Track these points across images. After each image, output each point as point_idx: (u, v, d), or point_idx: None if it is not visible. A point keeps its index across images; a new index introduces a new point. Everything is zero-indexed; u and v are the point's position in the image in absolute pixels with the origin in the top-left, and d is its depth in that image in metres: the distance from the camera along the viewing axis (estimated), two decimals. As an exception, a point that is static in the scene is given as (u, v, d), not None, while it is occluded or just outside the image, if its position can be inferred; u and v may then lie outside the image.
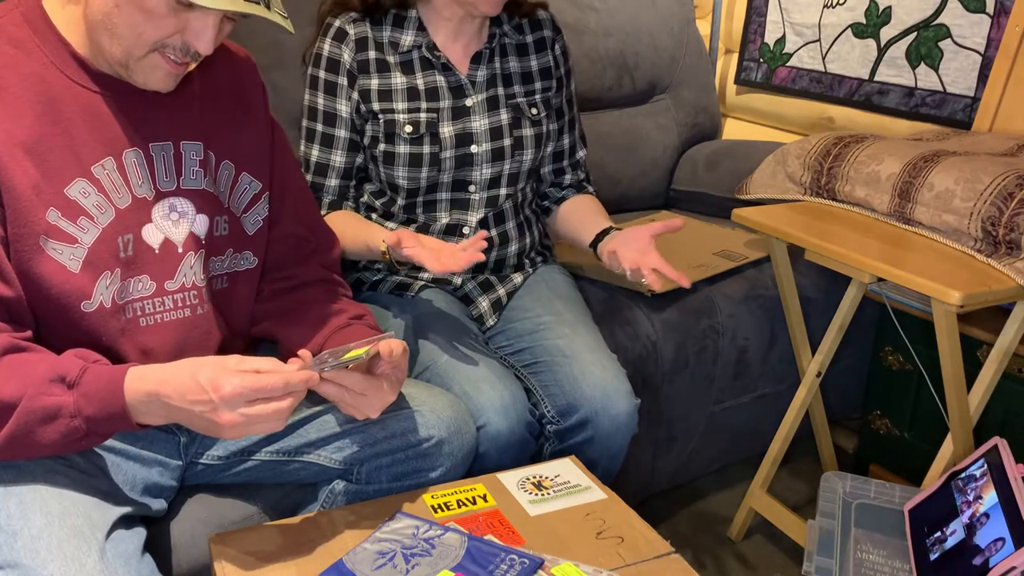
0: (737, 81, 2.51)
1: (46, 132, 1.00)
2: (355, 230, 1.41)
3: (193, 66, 1.06)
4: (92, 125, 1.03)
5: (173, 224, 1.10)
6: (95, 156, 1.03)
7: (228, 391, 0.92)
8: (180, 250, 1.11)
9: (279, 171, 1.23)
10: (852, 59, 2.17)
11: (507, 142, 1.50)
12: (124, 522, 1.01)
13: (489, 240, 1.52)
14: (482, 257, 1.26)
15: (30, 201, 0.98)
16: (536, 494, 1.17)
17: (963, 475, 1.27)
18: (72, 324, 1.03)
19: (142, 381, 0.95)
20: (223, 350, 1.17)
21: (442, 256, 1.25)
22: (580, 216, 1.57)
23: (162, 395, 0.94)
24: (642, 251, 1.35)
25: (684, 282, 1.32)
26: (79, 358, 0.98)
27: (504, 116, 1.50)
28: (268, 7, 0.99)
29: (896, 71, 2.07)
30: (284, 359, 1.05)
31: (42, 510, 0.94)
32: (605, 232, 1.47)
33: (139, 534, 1.02)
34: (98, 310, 1.04)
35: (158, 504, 1.11)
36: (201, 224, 1.13)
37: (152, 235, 1.09)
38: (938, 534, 1.21)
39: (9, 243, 0.98)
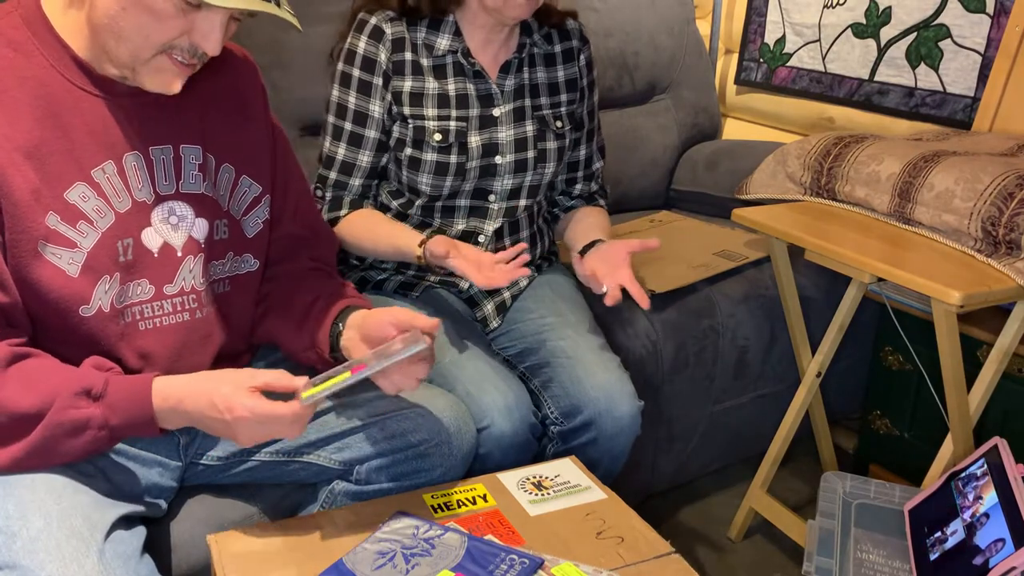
0: (737, 81, 2.51)
1: (46, 136, 1.00)
2: (383, 229, 1.42)
3: (200, 66, 1.05)
4: (92, 129, 1.03)
5: (172, 228, 1.10)
6: (95, 160, 1.03)
7: (239, 414, 0.97)
8: (179, 254, 1.11)
9: (281, 173, 1.23)
10: (852, 59, 2.17)
11: (531, 154, 1.49)
12: (123, 523, 1.01)
13: (503, 248, 1.52)
14: (527, 272, 1.28)
15: (29, 206, 0.98)
16: (536, 494, 1.17)
17: (963, 475, 1.27)
18: (70, 329, 1.03)
19: (165, 399, 1.00)
20: (222, 354, 1.18)
21: (484, 270, 1.27)
22: (578, 228, 1.56)
23: (183, 411, 1.00)
24: (616, 266, 1.35)
25: (643, 303, 1.33)
26: (97, 368, 1.01)
27: (529, 128, 1.49)
28: (278, 4, 0.98)
29: (896, 71, 2.07)
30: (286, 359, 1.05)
31: (41, 511, 0.95)
32: (591, 245, 1.46)
33: (139, 535, 1.02)
34: (97, 314, 1.04)
35: (158, 504, 1.11)
36: (200, 228, 1.13)
37: (151, 239, 1.09)
38: (938, 534, 1.21)
39: (7, 248, 0.98)
